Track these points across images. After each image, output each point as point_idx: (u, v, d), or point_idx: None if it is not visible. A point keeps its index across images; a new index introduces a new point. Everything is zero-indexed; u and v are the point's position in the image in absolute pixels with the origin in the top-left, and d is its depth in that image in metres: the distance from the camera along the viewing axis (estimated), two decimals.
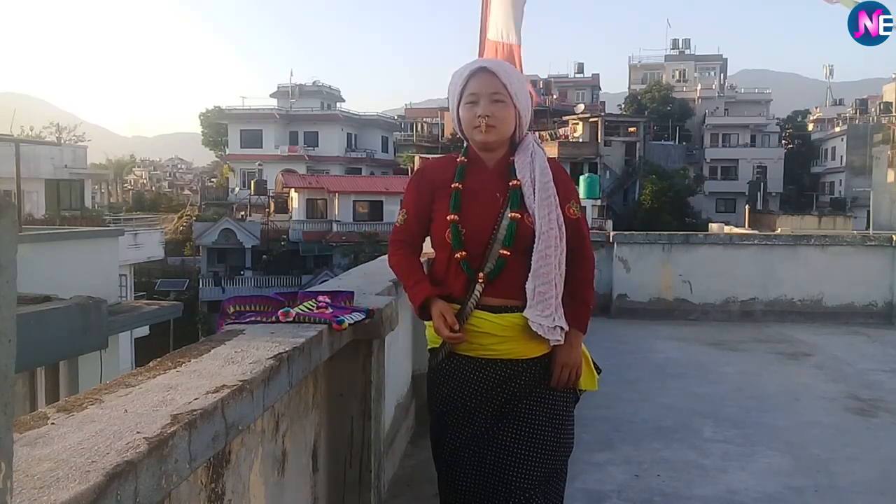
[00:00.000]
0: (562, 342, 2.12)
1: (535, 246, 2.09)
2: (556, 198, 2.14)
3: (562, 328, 2.10)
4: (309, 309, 2.11)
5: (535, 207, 2.10)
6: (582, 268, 2.20)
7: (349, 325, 2.06)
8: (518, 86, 2.17)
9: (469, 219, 2.11)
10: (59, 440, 1.05)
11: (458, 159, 2.23)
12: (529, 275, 2.08)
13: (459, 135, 2.28)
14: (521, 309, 2.09)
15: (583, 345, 2.22)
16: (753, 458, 3.94)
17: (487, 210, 2.13)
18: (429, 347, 2.27)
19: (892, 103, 47.99)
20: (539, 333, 2.08)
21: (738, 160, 56.45)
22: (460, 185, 2.15)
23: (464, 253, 2.10)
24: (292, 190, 42.32)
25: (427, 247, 2.29)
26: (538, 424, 2.10)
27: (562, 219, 2.13)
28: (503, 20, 5.22)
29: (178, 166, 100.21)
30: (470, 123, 2.15)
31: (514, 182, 2.14)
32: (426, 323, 2.24)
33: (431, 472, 3.64)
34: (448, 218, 2.12)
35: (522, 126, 2.21)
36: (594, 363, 2.28)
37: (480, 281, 2.09)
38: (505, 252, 2.08)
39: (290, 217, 41.79)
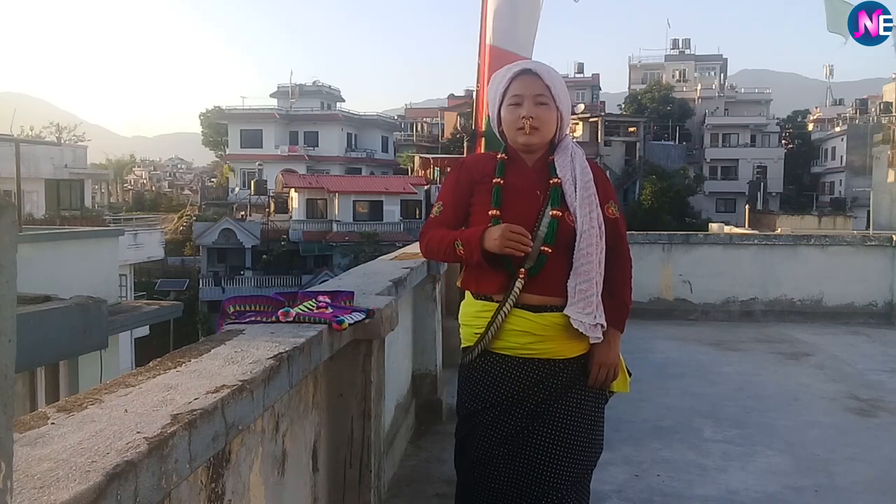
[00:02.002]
0: (601, 341, 2.12)
1: (576, 244, 2.09)
2: (597, 197, 2.14)
3: (602, 326, 2.10)
4: (309, 309, 2.11)
5: (577, 206, 2.10)
6: (620, 268, 2.20)
7: (349, 325, 2.06)
8: (560, 88, 2.18)
9: (510, 215, 2.11)
10: (59, 440, 1.05)
11: (498, 156, 2.23)
12: (571, 273, 2.08)
13: (499, 137, 2.28)
14: (560, 308, 2.08)
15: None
16: (753, 458, 3.94)
17: (528, 207, 2.13)
18: (462, 346, 2.26)
19: (892, 103, 47.98)
20: (580, 331, 2.07)
21: (738, 160, 56.47)
22: (501, 181, 2.15)
23: None
24: (292, 190, 42.32)
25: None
26: (573, 425, 2.11)
27: (601, 218, 2.13)
28: (509, 28, 5.23)
29: (178, 166, 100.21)
30: (513, 125, 2.15)
31: (555, 180, 2.14)
32: (461, 323, 2.25)
33: (431, 471, 3.65)
34: (490, 213, 2.11)
35: (563, 128, 2.21)
36: (626, 367, 2.28)
37: (521, 277, 2.08)
38: (546, 249, 2.08)
39: (290, 217, 41.79)
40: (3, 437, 0.72)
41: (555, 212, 2.10)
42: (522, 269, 2.08)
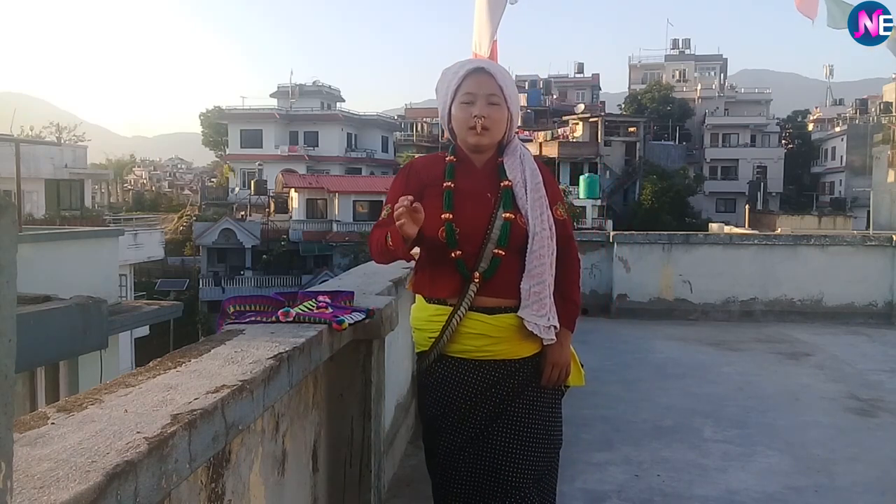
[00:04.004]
0: (555, 341, 2.13)
1: (528, 246, 2.10)
2: (546, 199, 2.16)
3: (555, 327, 2.12)
4: (309, 309, 2.11)
5: (528, 208, 2.11)
6: (569, 268, 2.21)
7: (349, 325, 2.06)
8: (512, 89, 2.18)
9: (463, 218, 2.10)
10: (59, 440, 1.05)
11: (446, 158, 2.22)
12: (524, 275, 2.09)
13: (448, 135, 2.25)
14: (514, 309, 2.10)
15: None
16: (753, 458, 3.94)
17: (480, 210, 2.13)
18: (417, 351, 2.25)
19: (892, 103, 47.98)
20: (535, 333, 2.09)
21: (738, 160, 56.49)
22: (452, 185, 2.14)
23: (459, 252, 2.09)
24: (292, 190, 42.33)
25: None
26: (531, 423, 2.11)
27: (552, 219, 2.15)
28: (480, 32, 5.34)
29: (178, 166, 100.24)
30: (465, 124, 2.13)
31: (506, 182, 2.14)
32: (413, 327, 2.24)
33: None
34: (443, 217, 2.10)
35: (512, 129, 2.22)
36: (579, 360, 2.29)
37: (476, 280, 2.09)
38: (499, 252, 2.08)
39: (290, 217, 41.80)
40: (3, 437, 0.72)
41: (507, 214, 2.10)
42: (477, 273, 2.08)
